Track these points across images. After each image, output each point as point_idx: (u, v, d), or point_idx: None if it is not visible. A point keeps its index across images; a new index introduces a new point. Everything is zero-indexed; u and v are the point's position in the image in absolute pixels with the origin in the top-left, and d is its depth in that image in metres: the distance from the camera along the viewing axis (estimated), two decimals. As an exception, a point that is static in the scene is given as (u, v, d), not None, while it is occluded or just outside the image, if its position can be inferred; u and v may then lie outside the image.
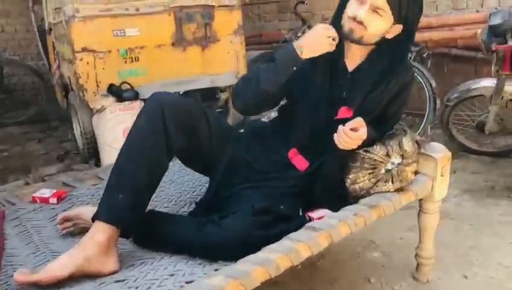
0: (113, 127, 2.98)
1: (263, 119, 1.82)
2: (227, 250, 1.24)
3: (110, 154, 2.98)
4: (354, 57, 1.54)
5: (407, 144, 1.53)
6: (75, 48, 3.00)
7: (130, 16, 3.12)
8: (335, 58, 1.53)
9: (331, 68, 1.54)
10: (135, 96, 3.08)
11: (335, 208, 1.47)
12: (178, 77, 3.35)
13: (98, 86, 3.09)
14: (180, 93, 3.32)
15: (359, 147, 1.47)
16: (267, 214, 1.35)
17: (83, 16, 2.96)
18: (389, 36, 1.48)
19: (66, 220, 1.44)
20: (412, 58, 3.35)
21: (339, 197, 1.52)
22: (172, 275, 1.18)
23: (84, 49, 3.01)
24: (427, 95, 3.28)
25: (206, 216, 1.40)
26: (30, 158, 3.76)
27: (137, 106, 3.08)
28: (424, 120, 3.36)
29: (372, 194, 1.50)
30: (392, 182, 1.51)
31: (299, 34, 4.05)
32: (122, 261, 1.29)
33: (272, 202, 1.42)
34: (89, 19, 2.99)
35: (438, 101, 3.27)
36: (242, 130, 1.71)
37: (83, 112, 3.19)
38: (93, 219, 1.27)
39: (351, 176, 1.51)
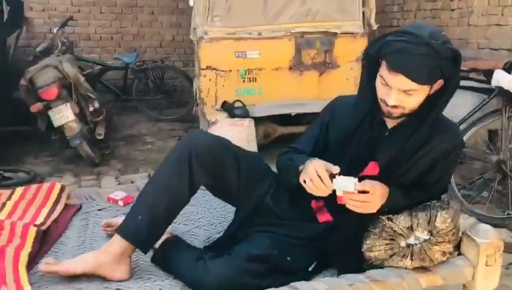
0: (220, 140, 3.26)
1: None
2: None
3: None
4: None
5: (442, 220, 1.37)
6: (201, 65, 3.37)
7: (252, 39, 3.35)
8: (377, 114, 1.46)
9: (371, 124, 1.47)
10: (245, 114, 3.30)
11: (342, 270, 1.41)
12: (292, 100, 3.47)
13: (216, 100, 3.41)
14: (292, 114, 3.43)
15: (382, 212, 1.39)
16: (263, 263, 1.38)
17: (210, 38, 3.30)
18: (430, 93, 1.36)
19: (108, 225, 1.70)
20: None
21: (353, 261, 1.45)
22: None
23: (208, 67, 3.36)
24: None
25: (217, 250, 1.50)
26: (163, 153, 4.33)
27: (246, 124, 3.30)
28: None
29: (386, 267, 1.39)
30: (411, 259, 1.38)
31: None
32: (134, 273, 1.48)
33: (280, 251, 1.44)
34: (216, 41, 3.32)
35: None
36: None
37: (203, 122, 3.56)
38: (116, 231, 1.49)
39: (368, 242, 1.43)
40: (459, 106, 3.76)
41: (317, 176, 1.33)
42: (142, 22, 5.87)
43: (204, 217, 1.91)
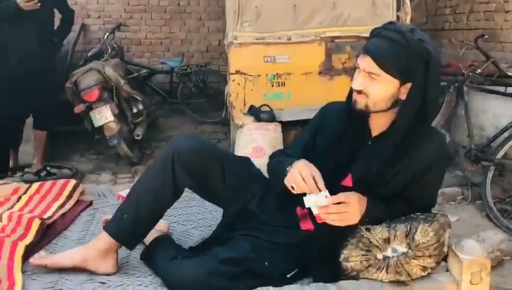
0: (245, 143, 3.28)
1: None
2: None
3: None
4: (378, 124, 1.42)
5: (423, 233, 1.32)
6: (231, 70, 3.42)
7: (281, 44, 3.35)
8: (362, 123, 1.43)
9: (356, 130, 1.45)
10: (272, 118, 3.31)
11: (318, 279, 1.39)
12: (321, 104, 3.42)
13: (244, 104, 3.45)
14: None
15: (362, 223, 1.35)
16: (235, 266, 1.39)
17: (240, 43, 3.34)
18: (403, 97, 1.32)
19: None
20: None
21: (331, 270, 1.43)
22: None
23: (237, 72, 3.40)
24: None
25: (197, 251, 1.54)
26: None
27: (272, 128, 3.31)
28: None
29: (361, 278, 1.35)
30: (387, 271, 1.33)
31: (479, 70, 3.55)
32: (121, 268, 1.55)
33: (258, 255, 1.45)
34: (245, 46, 3.35)
35: None
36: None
37: (232, 126, 3.62)
38: (103, 227, 1.56)
39: (345, 252, 1.40)
40: (504, 116, 3.53)
41: (301, 179, 1.32)
42: (190, 28, 6.06)
43: (203, 219, 1.95)
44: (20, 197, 1.91)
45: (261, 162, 1.77)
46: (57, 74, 3.88)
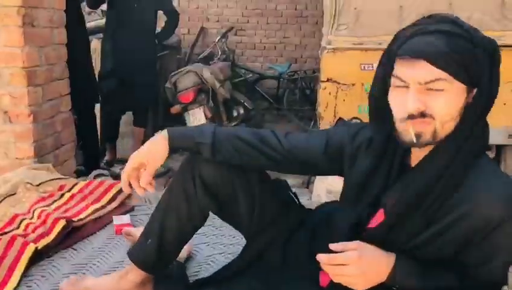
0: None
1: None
2: None
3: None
4: (421, 153, 1.02)
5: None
6: (322, 78, 3.12)
7: (381, 50, 2.93)
8: (397, 150, 1.06)
9: (394, 165, 1.07)
10: (363, 134, 2.93)
11: None
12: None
13: (335, 116, 3.11)
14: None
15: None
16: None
17: (334, 48, 3.02)
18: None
19: (128, 234, 1.66)
20: None
21: None
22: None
23: (329, 80, 3.09)
24: None
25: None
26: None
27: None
28: None
29: None
30: None
31: None
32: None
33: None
34: (340, 51, 3.03)
35: None
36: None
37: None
38: (128, 254, 1.37)
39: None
40: None
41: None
42: (305, 32, 5.86)
43: (236, 244, 1.72)
44: (63, 195, 1.90)
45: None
46: (157, 75, 3.98)
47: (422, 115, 0.94)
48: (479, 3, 2.78)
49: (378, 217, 1.05)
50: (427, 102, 0.93)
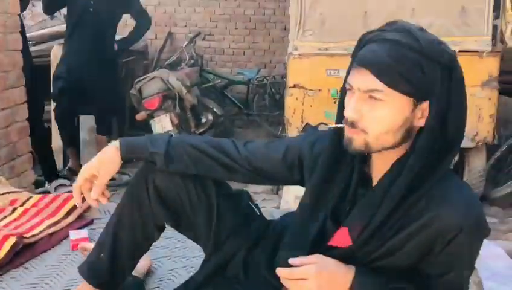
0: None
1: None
2: None
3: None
4: (381, 163, 1.00)
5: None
6: (289, 83, 3.10)
7: (347, 55, 2.93)
8: (360, 165, 1.04)
9: (353, 176, 1.05)
10: (330, 140, 2.92)
11: None
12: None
13: (302, 122, 3.10)
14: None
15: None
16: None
17: (300, 54, 3.01)
18: (421, 124, 0.93)
19: (85, 249, 1.58)
20: None
21: None
22: None
23: (296, 85, 3.07)
24: None
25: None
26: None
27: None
28: None
29: None
30: None
31: None
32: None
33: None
34: (306, 57, 3.02)
35: None
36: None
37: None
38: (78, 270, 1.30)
39: None
40: None
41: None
42: (274, 38, 5.85)
43: (199, 257, 1.66)
44: (15, 209, 1.80)
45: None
46: (118, 81, 3.87)
47: (352, 125, 0.93)
48: (440, 10, 2.82)
49: (342, 237, 1.01)
50: (365, 112, 0.92)
